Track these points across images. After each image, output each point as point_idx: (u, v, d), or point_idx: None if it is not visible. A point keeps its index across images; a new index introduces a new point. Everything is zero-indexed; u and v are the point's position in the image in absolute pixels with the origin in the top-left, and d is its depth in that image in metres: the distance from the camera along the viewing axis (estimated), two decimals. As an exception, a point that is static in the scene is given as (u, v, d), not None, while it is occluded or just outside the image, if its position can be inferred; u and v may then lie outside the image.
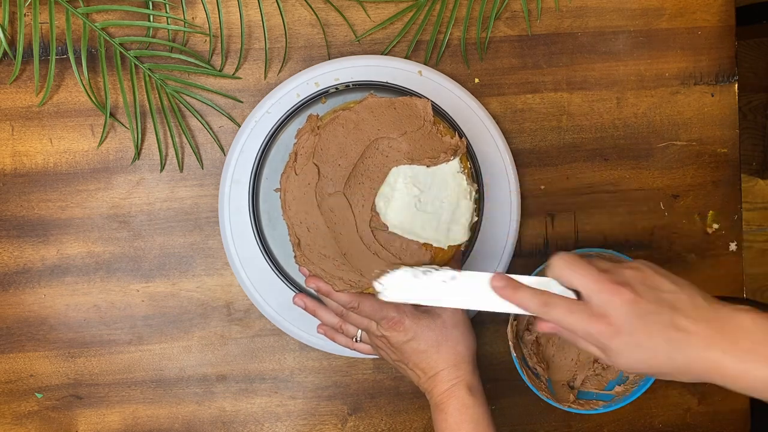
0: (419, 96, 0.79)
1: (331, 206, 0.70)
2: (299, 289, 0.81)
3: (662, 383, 0.88)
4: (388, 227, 0.70)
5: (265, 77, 0.83)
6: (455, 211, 0.70)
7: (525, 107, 0.85)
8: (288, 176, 0.70)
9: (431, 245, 0.70)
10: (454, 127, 0.80)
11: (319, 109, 0.80)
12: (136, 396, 0.84)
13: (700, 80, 0.87)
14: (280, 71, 0.83)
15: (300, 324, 0.82)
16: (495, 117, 0.84)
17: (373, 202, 0.70)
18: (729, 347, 0.56)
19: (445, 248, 0.70)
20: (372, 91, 0.77)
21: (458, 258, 0.77)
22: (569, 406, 0.80)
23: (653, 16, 0.86)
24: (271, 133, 0.80)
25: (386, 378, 0.86)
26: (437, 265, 0.69)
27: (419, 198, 0.69)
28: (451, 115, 0.81)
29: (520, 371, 0.79)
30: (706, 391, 0.89)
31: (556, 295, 0.62)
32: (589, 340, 0.60)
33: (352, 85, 0.80)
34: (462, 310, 0.74)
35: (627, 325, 0.57)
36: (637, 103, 0.87)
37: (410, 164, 0.70)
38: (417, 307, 0.74)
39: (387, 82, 0.80)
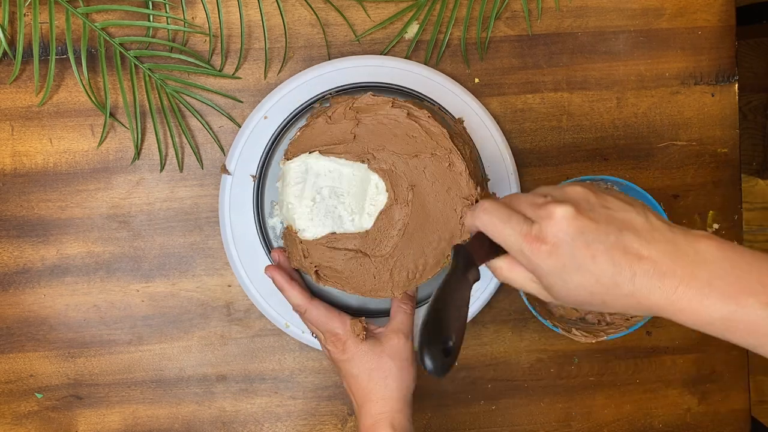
0: (420, 97, 0.80)
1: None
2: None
3: (662, 383, 0.88)
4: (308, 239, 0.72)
5: (264, 77, 0.83)
6: (360, 202, 0.71)
7: (525, 107, 0.85)
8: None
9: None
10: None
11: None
12: (136, 396, 0.84)
13: (700, 80, 0.87)
14: (279, 71, 0.83)
15: (300, 324, 0.82)
16: (495, 117, 0.84)
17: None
18: (687, 277, 0.48)
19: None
20: (371, 92, 0.77)
21: (413, 295, 0.77)
22: (576, 334, 0.76)
23: (653, 16, 0.86)
24: (273, 137, 0.80)
25: (386, 378, 0.86)
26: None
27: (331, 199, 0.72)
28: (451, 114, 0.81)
29: (529, 306, 0.78)
30: (706, 391, 0.89)
31: (497, 202, 0.53)
32: (522, 261, 0.51)
33: (351, 87, 0.80)
34: (410, 343, 0.72)
35: (565, 244, 0.49)
36: (637, 103, 0.87)
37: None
38: (371, 329, 0.73)
39: (390, 84, 0.80)
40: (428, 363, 0.48)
